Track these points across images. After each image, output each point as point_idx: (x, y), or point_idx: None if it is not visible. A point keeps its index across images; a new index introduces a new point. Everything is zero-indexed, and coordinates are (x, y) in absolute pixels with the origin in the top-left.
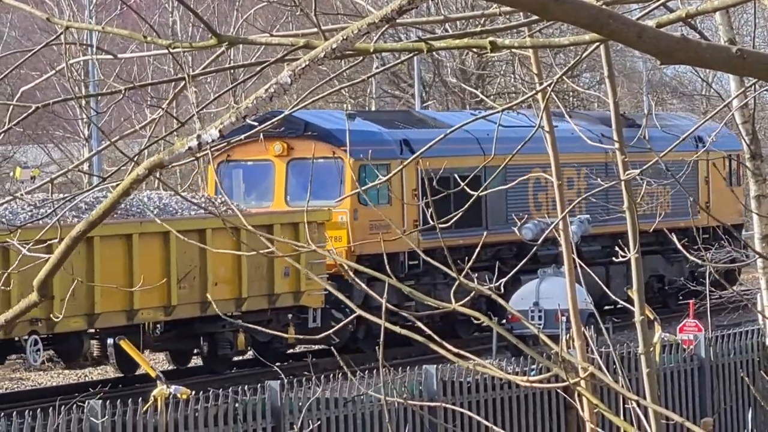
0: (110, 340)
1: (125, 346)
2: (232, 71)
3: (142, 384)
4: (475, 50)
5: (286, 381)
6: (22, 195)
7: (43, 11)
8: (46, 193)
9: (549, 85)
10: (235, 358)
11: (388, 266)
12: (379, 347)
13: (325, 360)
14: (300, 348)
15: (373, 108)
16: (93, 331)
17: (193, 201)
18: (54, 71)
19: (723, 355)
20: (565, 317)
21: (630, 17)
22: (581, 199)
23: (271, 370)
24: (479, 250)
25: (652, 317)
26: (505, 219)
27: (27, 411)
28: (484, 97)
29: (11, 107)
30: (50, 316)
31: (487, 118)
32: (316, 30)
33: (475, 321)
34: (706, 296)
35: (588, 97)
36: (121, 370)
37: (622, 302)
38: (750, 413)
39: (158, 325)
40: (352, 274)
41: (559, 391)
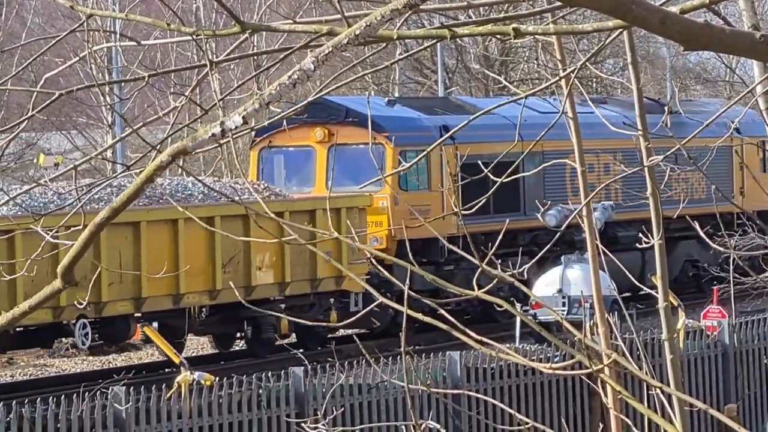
0: (155, 324)
1: (149, 332)
2: (255, 58)
3: (166, 370)
4: (498, 37)
5: (309, 367)
6: (45, 181)
7: None
8: (69, 179)
9: (572, 72)
10: (278, 342)
11: (420, 252)
12: (402, 333)
13: (349, 346)
14: (342, 332)
15: (396, 94)
16: (139, 315)
17: (216, 190)
18: (77, 58)
19: (747, 342)
20: (589, 303)
21: (653, 3)
22: (605, 185)
23: (296, 356)
24: (517, 235)
25: (675, 303)
26: (542, 204)
27: (51, 398)
28: (507, 84)
29: (35, 94)
30: (99, 300)
31: (525, 104)
32: (339, 16)
33: (498, 308)
34: (731, 282)
35: (611, 83)
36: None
37: (647, 288)
38: None
39: (203, 309)
40: (376, 267)
41: (582, 377)
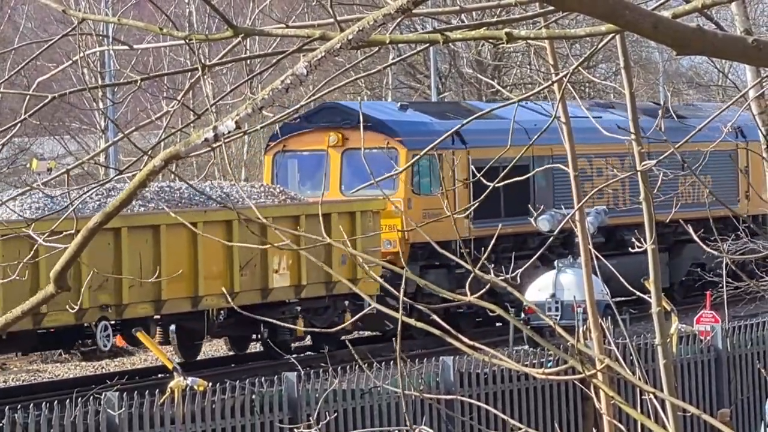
0: (172, 326)
1: (142, 337)
2: (248, 62)
3: (159, 376)
4: (491, 41)
5: (302, 372)
6: (38, 186)
7: (58, 2)
8: (62, 184)
9: (565, 76)
10: (293, 344)
11: (434, 254)
12: (397, 339)
13: (342, 351)
14: (356, 334)
15: (389, 98)
16: (158, 317)
17: (209, 195)
18: (70, 62)
19: (740, 346)
20: (582, 308)
21: (646, 8)
22: (596, 190)
23: (288, 361)
24: (527, 238)
25: (668, 308)
26: (552, 208)
27: (44, 403)
28: (500, 88)
29: (27, 98)
30: (120, 302)
31: (533, 109)
32: (332, 21)
33: (491, 313)
34: (724, 287)
35: (604, 87)
36: (182, 355)
37: (638, 293)
38: (767, 404)
39: (221, 312)
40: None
41: (575, 382)
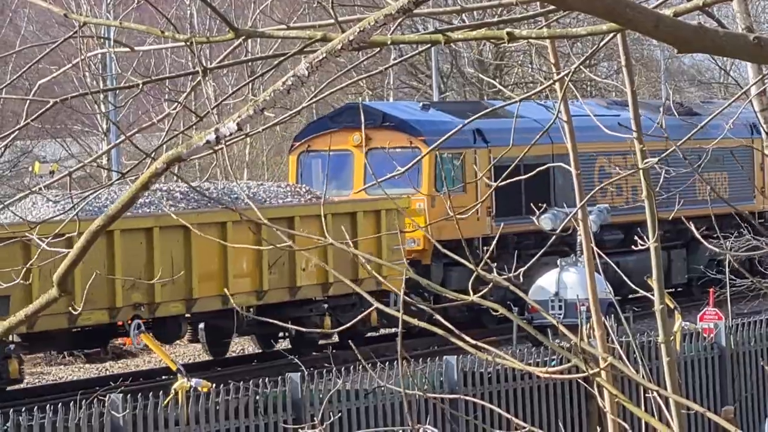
0: (201, 324)
1: (146, 339)
2: (249, 64)
3: (163, 377)
4: (492, 41)
5: (306, 373)
6: (40, 189)
7: (60, 5)
8: (65, 187)
9: (566, 75)
10: (321, 342)
11: (456, 253)
12: (399, 338)
13: (346, 352)
14: (382, 330)
15: (391, 99)
16: (189, 315)
17: (209, 196)
18: (71, 64)
19: (743, 344)
20: (585, 307)
21: (647, 6)
22: (599, 189)
23: (292, 362)
24: (546, 235)
25: (672, 306)
26: (571, 206)
27: (48, 405)
28: (501, 87)
29: (28, 101)
30: (152, 301)
31: (549, 108)
32: (333, 22)
33: (494, 312)
34: (727, 284)
35: (606, 86)
36: (211, 353)
37: (642, 291)
38: None
39: (250, 310)
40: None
41: (579, 381)
